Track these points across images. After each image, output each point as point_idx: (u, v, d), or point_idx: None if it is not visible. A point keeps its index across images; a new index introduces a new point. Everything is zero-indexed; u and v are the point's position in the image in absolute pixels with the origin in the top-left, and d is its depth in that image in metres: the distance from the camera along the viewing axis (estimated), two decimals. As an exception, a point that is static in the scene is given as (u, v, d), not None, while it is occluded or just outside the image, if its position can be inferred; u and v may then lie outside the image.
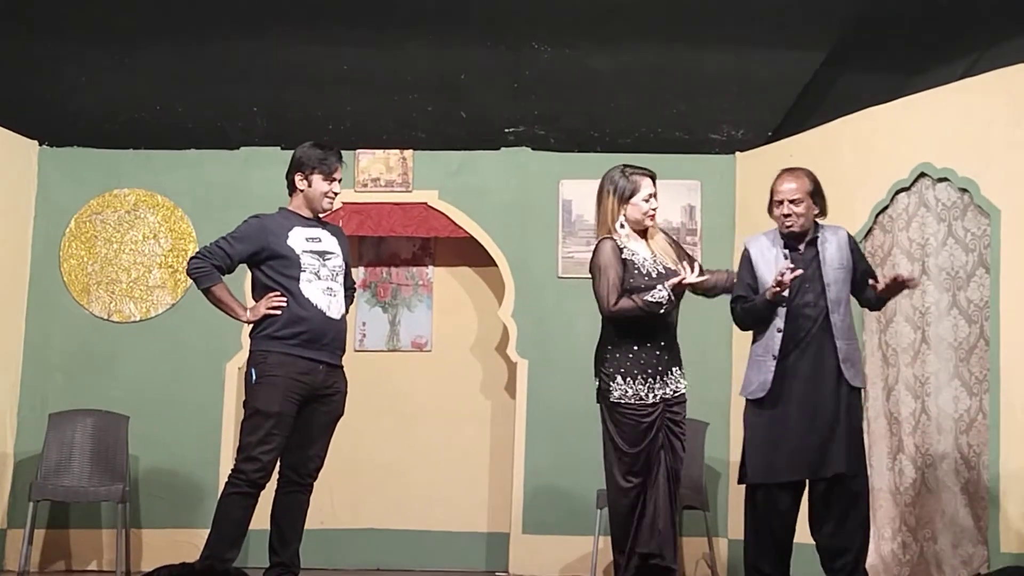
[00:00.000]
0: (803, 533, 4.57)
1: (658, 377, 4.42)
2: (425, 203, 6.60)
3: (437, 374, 6.77)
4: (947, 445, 5.23)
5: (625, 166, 4.56)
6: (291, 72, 6.29)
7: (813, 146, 5.93)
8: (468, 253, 6.74)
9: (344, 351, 4.71)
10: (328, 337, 4.58)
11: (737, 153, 6.52)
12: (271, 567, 4.61)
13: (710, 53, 6.09)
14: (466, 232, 6.59)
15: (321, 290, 4.58)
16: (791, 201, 4.50)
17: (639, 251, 4.47)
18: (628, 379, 4.40)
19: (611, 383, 4.42)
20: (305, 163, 4.67)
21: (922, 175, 5.43)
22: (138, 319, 6.53)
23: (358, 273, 6.87)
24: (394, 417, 6.77)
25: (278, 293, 4.53)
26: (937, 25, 5.75)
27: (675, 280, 4.35)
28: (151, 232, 6.59)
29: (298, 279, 4.54)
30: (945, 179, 5.33)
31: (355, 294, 4.92)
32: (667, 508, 4.43)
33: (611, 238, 4.46)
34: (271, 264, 4.57)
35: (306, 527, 5.71)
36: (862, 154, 5.66)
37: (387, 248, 6.88)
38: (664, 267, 4.47)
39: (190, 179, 6.61)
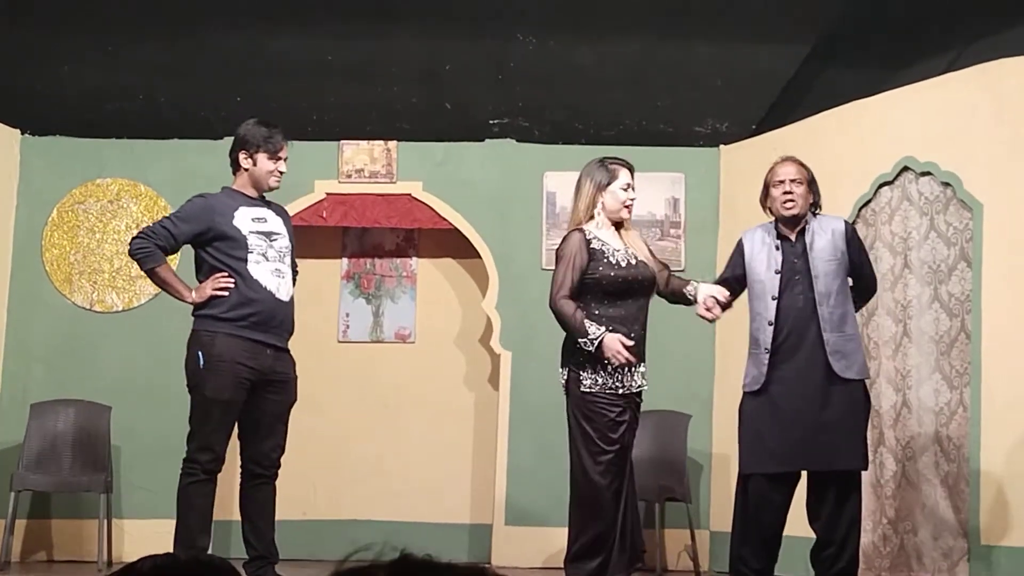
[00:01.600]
0: (792, 526, 4.57)
1: (626, 369, 4.39)
2: (409, 194, 6.59)
3: (420, 366, 6.77)
4: (928, 438, 5.26)
5: (604, 158, 4.57)
6: (275, 62, 6.27)
7: (797, 140, 5.94)
8: (452, 245, 6.73)
9: (292, 333, 4.61)
10: (277, 319, 4.49)
11: (721, 146, 6.53)
12: (250, 560, 4.59)
13: (695, 46, 6.10)
14: (450, 224, 6.58)
15: (270, 271, 4.49)
16: (793, 180, 4.47)
17: (611, 241, 4.45)
18: (600, 369, 4.35)
19: (580, 373, 4.37)
20: (250, 141, 4.55)
21: (905, 169, 5.45)
22: (120, 309, 6.51)
23: (341, 264, 6.86)
24: (377, 409, 6.77)
25: (225, 274, 4.43)
26: (920, 20, 5.77)
27: (614, 351, 4.27)
28: (134, 222, 6.55)
29: (246, 260, 4.45)
30: (928, 173, 5.35)
31: (297, 276, 4.79)
32: (636, 506, 4.48)
33: (580, 230, 4.45)
34: (217, 245, 4.46)
35: (288, 518, 5.71)
36: (845, 148, 5.67)
37: (371, 239, 6.87)
38: (636, 258, 4.45)
39: (173, 169, 6.59)
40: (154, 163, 6.59)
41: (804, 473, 4.51)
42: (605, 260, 4.40)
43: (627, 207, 4.50)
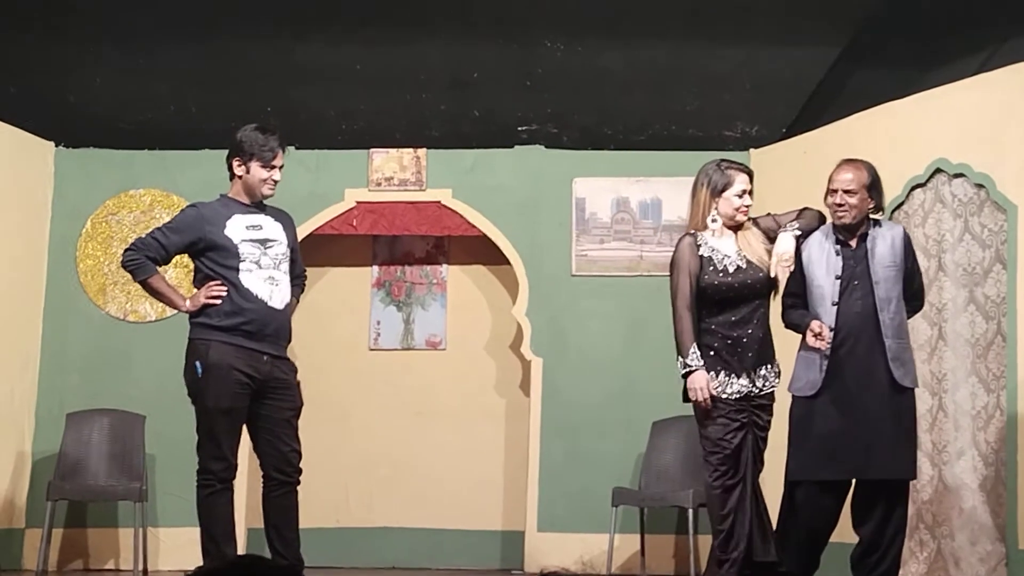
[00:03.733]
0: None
1: (744, 374, 4.36)
2: (439, 202, 6.60)
3: (451, 372, 6.78)
4: (964, 442, 5.21)
5: (722, 160, 4.51)
6: (304, 72, 6.30)
7: (828, 143, 5.90)
8: (482, 251, 6.74)
9: (289, 341, 4.59)
10: (271, 328, 4.47)
11: (751, 150, 6.50)
12: None
13: (723, 50, 6.08)
14: (480, 231, 6.59)
15: (262, 279, 4.46)
16: (845, 191, 4.39)
17: (722, 247, 4.42)
18: (711, 374, 4.35)
19: None
20: (244, 148, 4.51)
21: (938, 171, 5.41)
22: (154, 319, 6.55)
23: (372, 272, 6.88)
24: (409, 416, 6.78)
25: (218, 282, 4.44)
26: (951, 20, 5.73)
27: (699, 399, 4.34)
28: (166, 232, 6.59)
29: (237, 269, 4.44)
30: (961, 175, 5.31)
31: (305, 282, 4.79)
32: (764, 510, 4.43)
33: (691, 234, 4.43)
34: (209, 255, 4.47)
35: (322, 526, 5.71)
36: (877, 150, 5.62)
37: (401, 247, 6.89)
38: (747, 261, 4.41)
39: (205, 179, 6.59)
40: (186, 173, 6.63)
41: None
42: (711, 268, 4.38)
43: (742, 212, 4.44)
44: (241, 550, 6.18)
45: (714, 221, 4.43)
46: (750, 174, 4.49)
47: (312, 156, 6.59)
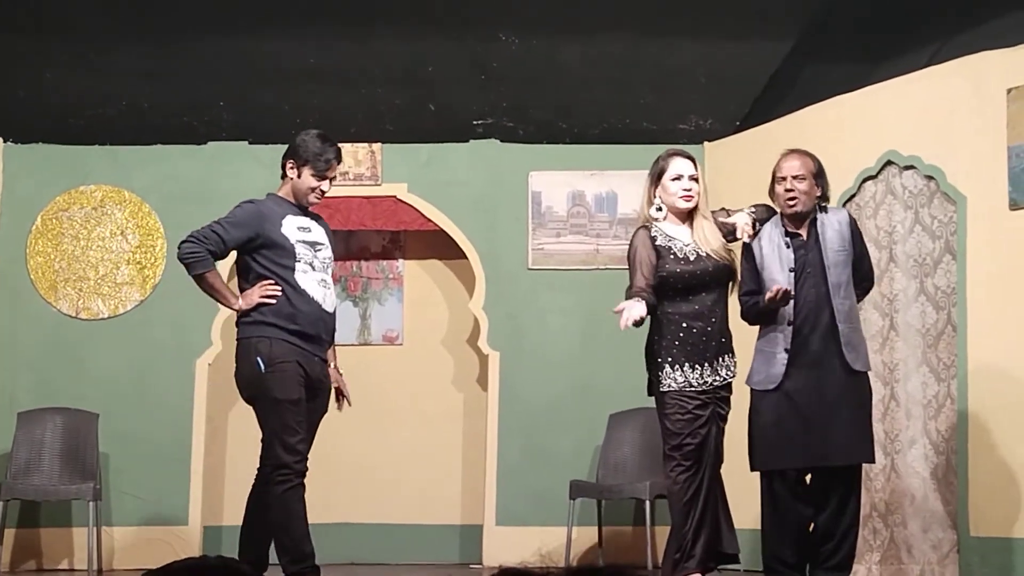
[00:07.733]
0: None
1: (706, 364, 4.37)
2: (394, 196, 6.59)
3: (409, 367, 6.77)
4: (916, 431, 5.28)
5: (669, 150, 4.52)
6: (258, 66, 6.26)
7: (780, 135, 5.94)
8: (438, 246, 6.73)
9: (332, 345, 4.60)
10: (324, 331, 4.46)
11: (705, 143, 6.53)
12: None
13: (678, 44, 6.11)
14: (436, 225, 6.58)
15: (316, 281, 4.44)
16: (795, 177, 4.40)
17: (678, 236, 4.41)
18: (676, 367, 4.36)
19: (660, 372, 4.38)
20: (300, 153, 4.48)
21: (889, 163, 5.47)
22: (106, 316, 6.49)
23: (328, 267, 6.86)
24: (366, 411, 6.73)
25: (272, 281, 4.38)
26: (902, 13, 5.79)
27: (621, 308, 4.26)
28: (118, 228, 6.53)
29: (293, 269, 4.39)
30: (911, 166, 5.37)
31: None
32: (725, 503, 4.46)
33: (645, 227, 4.42)
34: (265, 253, 4.40)
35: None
36: (829, 143, 5.68)
37: (357, 242, 6.86)
38: (702, 251, 4.40)
39: (157, 175, 6.57)
40: (138, 169, 6.57)
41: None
42: (671, 256, 4.37)
43: (683, 198, 4.40)
44: (197, 550, 6.15)
45: (659, 210, 4.43)
46: (690, 158, 4.48)
47: (266, 151, 6.53)
